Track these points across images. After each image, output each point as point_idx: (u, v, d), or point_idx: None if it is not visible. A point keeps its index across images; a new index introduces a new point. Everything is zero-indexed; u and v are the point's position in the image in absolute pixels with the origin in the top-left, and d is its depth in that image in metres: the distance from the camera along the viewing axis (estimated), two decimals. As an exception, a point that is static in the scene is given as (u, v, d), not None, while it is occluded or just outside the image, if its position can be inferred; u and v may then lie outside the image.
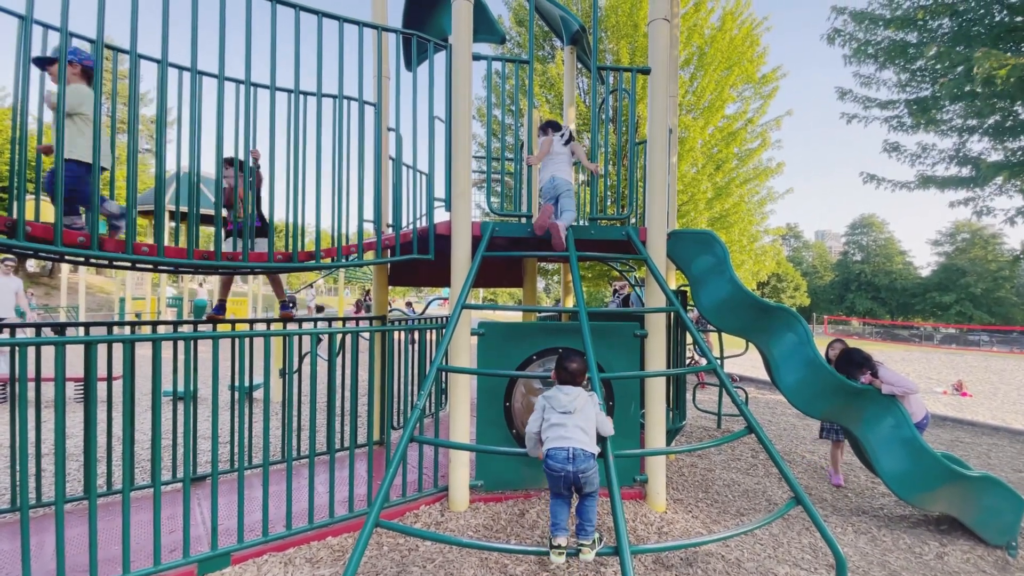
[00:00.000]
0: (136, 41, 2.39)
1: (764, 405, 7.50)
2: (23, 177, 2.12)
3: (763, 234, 13.93)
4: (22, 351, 2.16)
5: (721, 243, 3.51)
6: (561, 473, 2.26)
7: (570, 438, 2.28)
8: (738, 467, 4.47)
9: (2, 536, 2.71)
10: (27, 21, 2.17)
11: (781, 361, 3.47)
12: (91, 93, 2.45)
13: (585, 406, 2.37)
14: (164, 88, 2.47)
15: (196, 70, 2.56)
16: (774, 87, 12.81)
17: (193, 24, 2.46)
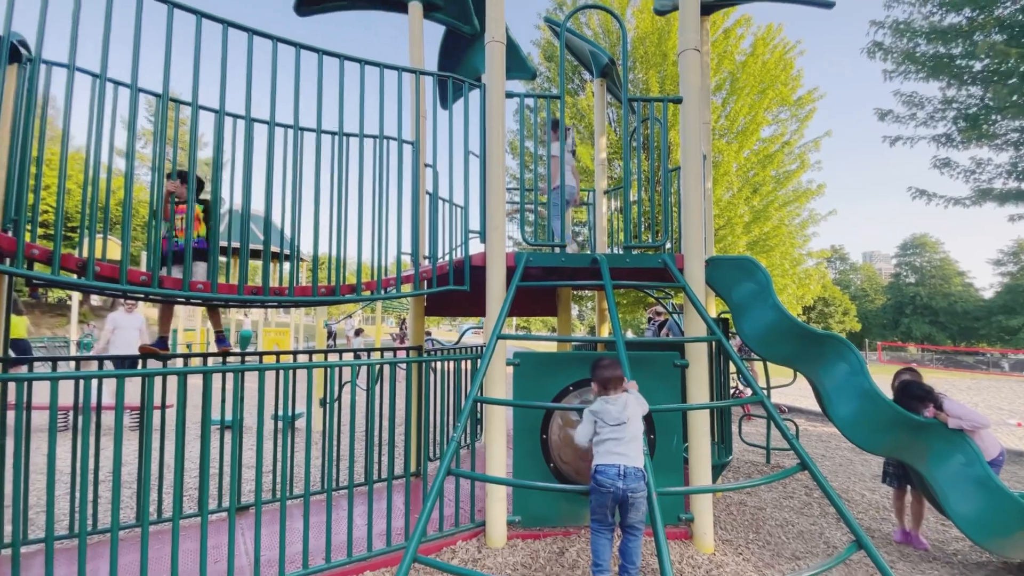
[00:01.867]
0: (197, 94, 2.59)
1: (816, 438, 7.08)
2: (94, 225, 2.30)
3: (806, 257, 13.46)
4: (86, 383, 2.30)
5: (763, 269, 3.41)
6: (611, 489, 2.21)
7: (623, 454, 2.25)
8: (791, 506, 4.21)
9: (60, 562, 2.82)
10: (101, 79, 2.39)
11: (834, 392, 3.29)
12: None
13: (635, 415, 2.32)
14: (220, 133, 2.66)
15: (250, 117, 2.74)
16: (811, 109, 12.61)
17: (248, 77, 2.66)
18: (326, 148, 3.06)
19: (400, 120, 3.23)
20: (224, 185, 2.71)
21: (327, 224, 3.06)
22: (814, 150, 12.65)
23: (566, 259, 3.39)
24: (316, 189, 3.01)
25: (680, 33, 3.47)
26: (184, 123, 3.28)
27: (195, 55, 2.46)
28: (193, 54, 2.47)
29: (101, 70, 2.35)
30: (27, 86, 2.60)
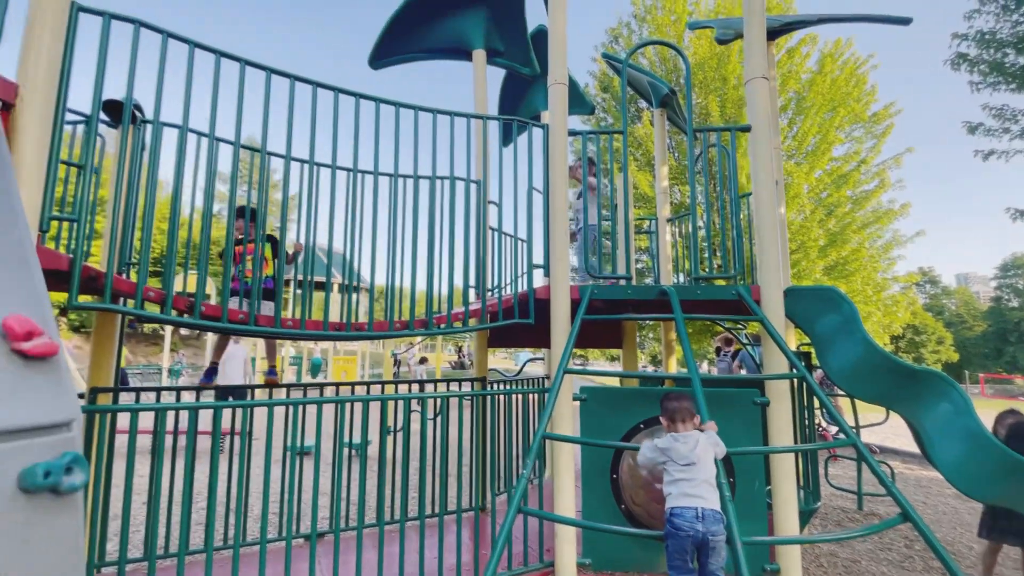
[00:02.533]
0: (266, 141, 2.84)
1: (914, 483, 6.41)
2: (204, 271, 2.56)
3: (891, 282, 12.44)
4: (161, 415, 2.52)
5: (848, 300, 3.19)
6: (689, 533, 2.11)
7: (699, 496, 2.14)
8: (889, 559, 3.81)
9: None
10: (183, 130, 2.67)
11: (935, 435, 2.97)
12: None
13: (705, 454, 2.22)
14: (288, 174, 2.91)
15: (336, 165, 2.98)
16: (888, 125, 11.90)
17: (333, 127, 2.90)
18: (401, 190, 3.27)
19: (469, 161, 3.38)
20: (302, 226, 2.95)
21: (400, 261, 3.23)
22: (894, 167, 11.86)
23: (632, 291, 3.35)
24: (392, 228, 3.20)
25: (746, 61, 3.42)
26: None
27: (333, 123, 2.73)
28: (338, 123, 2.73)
29: (210, 129, 2.66)
30: (141, 145, 2.98)
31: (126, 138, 2.64)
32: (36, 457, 1.50)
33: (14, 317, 1.58)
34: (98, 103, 2.38)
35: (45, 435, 1.57)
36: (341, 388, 5.02)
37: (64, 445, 1.60)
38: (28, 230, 1.83)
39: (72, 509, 1.60)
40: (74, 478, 1.55)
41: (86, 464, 1.64)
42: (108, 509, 3.02)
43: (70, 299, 2.15)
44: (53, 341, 1.67)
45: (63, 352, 1.74)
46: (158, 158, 2.78)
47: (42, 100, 2.07)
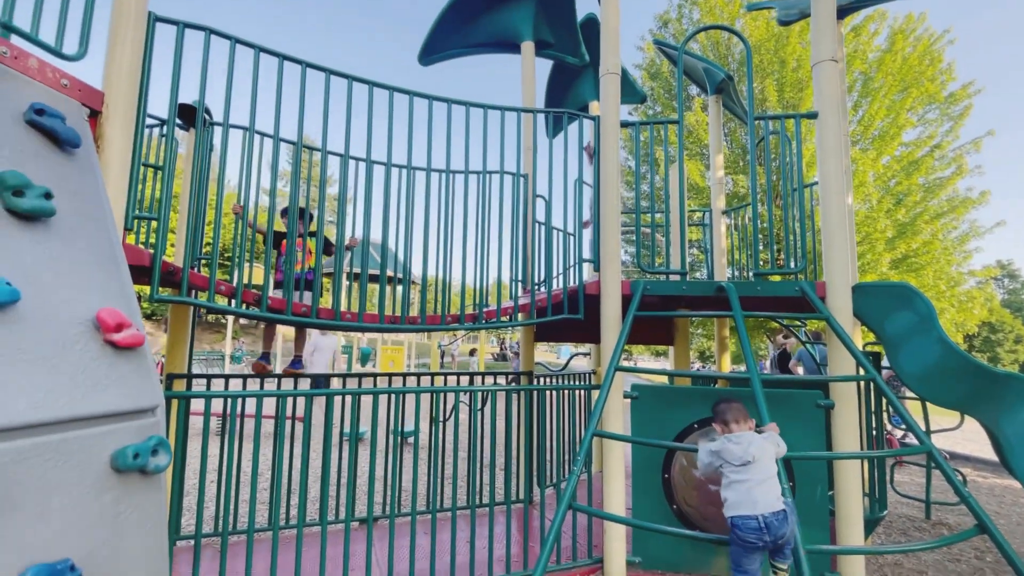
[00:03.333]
0: (326, 140, 2.92)
1: (987, 492, 5.94)
2: (267, 266, 2.69)
3: (966, 276, 11.50)
4: (232, 402, 2.66)
5: (923, 297, 2.97)
6: (758, 545, 2.05)
7: (757, 502, 2.06)
8: (958, 570, 3.56)
9: (223, 561, 3.22)
10: (250, 131, 2.78)
11: (1017, 442, 2.73)
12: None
13: (762, 452, 2.14)
14: (345, 174, 2.98)
15: (390, 163, 3.04)
16: (966, 106, 10.92)
17: (388, 123, 2.96)
18: (450, 184, 3.31)
19: (519, 155, 3.37)
20: (358, 221, 3.04)
21: (450, 255, 3.28)
22: (973, 152, 10.90)
23: (688, 287, 3.25)
24: (445, 223, 3.24)
25: (813, 44, 3.22)
26: (315, 165, 3.71)
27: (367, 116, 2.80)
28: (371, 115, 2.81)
29: (275, 131, 2.77)
30: (209, 147, 3.13)
31: (199, 139, 2.80)
32: (126, 440, 1.63)
33: (107, 310, 1.71)
34: (174, 107, 2.52)
35: (133, 420, 1.70)
36: (393, 379, 5.16)
37: (150, 429, 1.73)
38: (116, 230, 1.98)
39: (156, 488, 1.72)
40: (159, 460, 1.67)
41: (169, 447, 1.76)
42: (183, 487, 3.25)
43: (152, 292, 2.30)
44: (140, 332, 1.79)
45: (148, 343, 1.87)
46: (226, 158, 2.93)
47: (125, 106, 2.22)
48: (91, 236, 1.83)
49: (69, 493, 1.44)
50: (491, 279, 3.43)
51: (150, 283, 2.32)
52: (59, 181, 1.77)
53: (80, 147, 1.91)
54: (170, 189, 2.42)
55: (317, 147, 2.96)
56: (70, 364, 1.54)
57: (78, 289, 1.70)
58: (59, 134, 1.80)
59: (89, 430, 1.53)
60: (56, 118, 1.80)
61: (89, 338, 1.63)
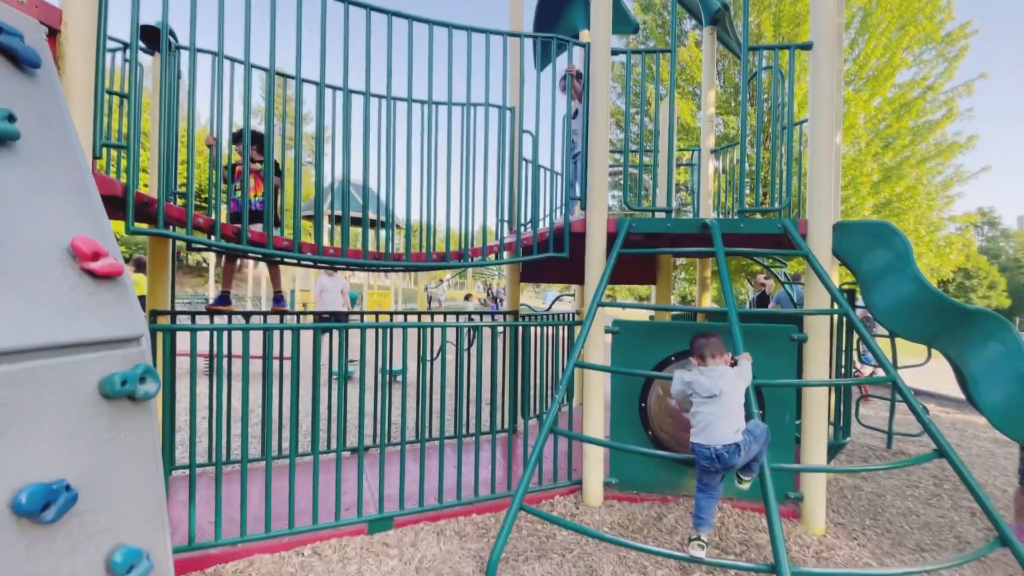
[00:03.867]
0: (300, 67, 2.77)
1: (949, 425, 6.34)
2: (246, 196, 2.61)
3: (947, 222, 11.67)
4: (219, 335, 2.67)
5: (901, 235, 3.03)
6: (710, 469, 2.26)
7: (715, 434, 2.21)
8: (915, 495, 3.85)
9: (219, 486, 3.35)
10: (219, 57, 2.63)
11: (981, 376, 2.90)
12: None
13: (731, 387, 2.27)
14: (322, 103, 2.86)
15: (368, 92, 2.91)
16: (962, 47, 10.63)
17: (366, 47, 2.80)
18: (434, 118, 3.18)
19: (505, 86, 3.24)
20: (337, 157, 2.93)
21: (434, 192, 3.21)
22: (965, 95, 10.75)
23: (673, 225, 3.26)
24: (426, 159, 3.15)
25: (813, -33, 3.07)
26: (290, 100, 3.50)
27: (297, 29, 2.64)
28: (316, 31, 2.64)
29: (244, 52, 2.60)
30: (176, 73, 2.95)
31: (165, 64, 2.62)
32: (112, 368, 1.64)
33: (81, 238, 1.67)
34: (136, 27, 2.35)
35: (119, 348, 1.71)
36: (381, 318, 5.20)
37: (136, 358, 1.74)
38: (84, 156, 1.89)
39: (147, 414, 1.76)
40: (148, 387, 1.70)
41: (157, 375, 1.78)
42: (174, 421, 3.31)
43: (127, 225, 2.24)
44: (118, 262, 1.76)
45: (127, 273, 1.84)
46: (195, 86, 2.77)
47: (85, 24, 2.06)
48: (59, 162, 1.75)
49: (58, 418, 1.47)
50: (476, 219, 3.40)
51: (124, 216, 2.26)
52: (21, 103, 1.67)
53: (41, 68, 1.79)
54: (138, 115, 2.30)
55: (291, 75, 2.80)
56: (48, 292, 1.52)
57: (50, 216, 1.65)
58: (19, 53, 1.68)
59: (73, 357, 1.53)
60: (14, 36, 1.67)
61: (66, 266, 1.61)
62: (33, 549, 1.33)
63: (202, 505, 2.96)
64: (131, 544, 1.60)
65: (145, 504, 1.72)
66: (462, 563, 2.59)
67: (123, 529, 1.62)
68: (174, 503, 3.06)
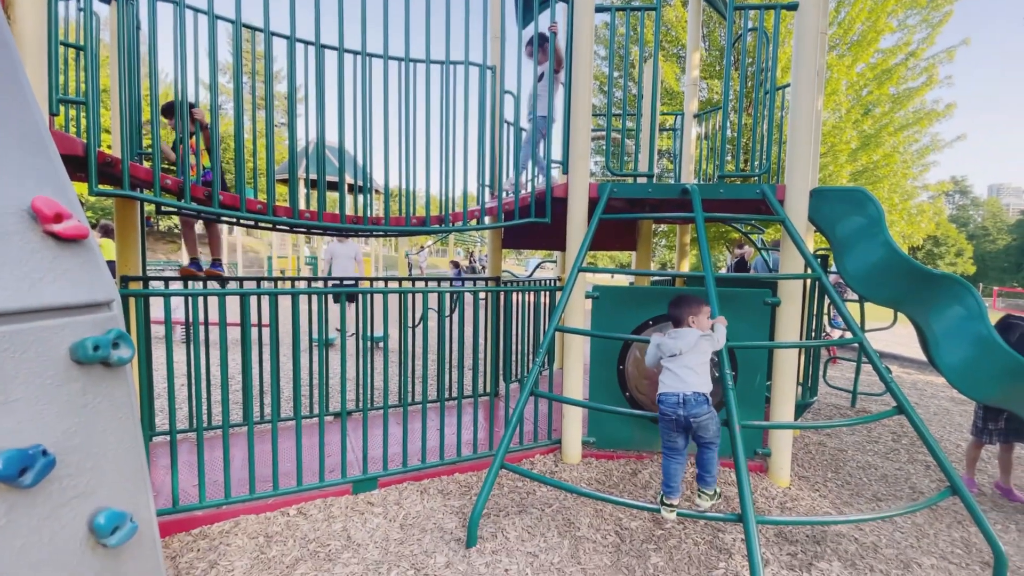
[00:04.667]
0: (268, 21, 2.62)
1: (910, 385, 6.66)
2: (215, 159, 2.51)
3: (920, 190, 11.92)
4: (194, 301, 2.62)
5: (875, 201, 3.09)
6: (672, 416, 2.31)
7: (683, 380, 2.31)
8: (875, 450, 4.08)
9: (204, 448, 3.36)
10: (180, 6, 2.48)
11: (943, 337, 3.04)
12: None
13: (696, 344, 2.36)
14: (293, 62, 2.73)
15: (343, 48, 2.78)
16: (947, 12, 10.59)
17: (316, 5, 2.66)
18: (410, 78, 3.07)
19: (485, 45, 3.13)
20: (311, 117, 2.83)
21: (413, 156, 3.13)
22: (946, 62, 10.79)
23: (653, 190, 3.26)
24: (405, 119, 3.06)
25: (801, -77, 2.99)
26: (259, 57, 3.34)
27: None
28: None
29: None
30: (135, 24, 2.77)
31: (122, 14, 2.47)
32: (84, 333, 1.60)
33: (42, 199, 1.59)
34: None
35: (89, 313, 1.67)
36: (362, 284, 5.16)
37: (108, 323, 1.70)
38: (41, 113, 1.79)
39: (123, 380, 1.74)
40: (121, 352, 1.67)
41: (130, 340, 1.75)
42: (153, 388, 3.28)
43: (90, 185, 2.15)
44: (83, 224, 1.70)
45: (93, 236, 1.77)
46: (156, 36, 2.61)
47: (30, -31, 1.91)
48: (12, 117, 1.65)
49: (30, 384, 1.44)
50: (457, 183, 3.34)
51: (87, 177, 2.16)
52: (-33, 54, 1.56)
53: (-12, 16, 1.66)
54: (96, 69, 2.17)
55: (259, 27, 2.66)
56: (9, 256, 1.46)
57: (5, 177, 1.57)
58: (-40, -1, 1.55)
59: (40, 323, 1.49)
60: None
61: (27, 228, 1.54)
62: (13, 513, 1.33)
63: (185, 470, 2.98)
64: (114, 507, 1.60)
65: (126, 467, 1.72)
66: (445, 519, 2.68)
67: (105, 492, 1.62)
68: (156, 468, 3.07)
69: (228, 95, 20.81)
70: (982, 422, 3.33)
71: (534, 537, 2.54)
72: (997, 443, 3.32)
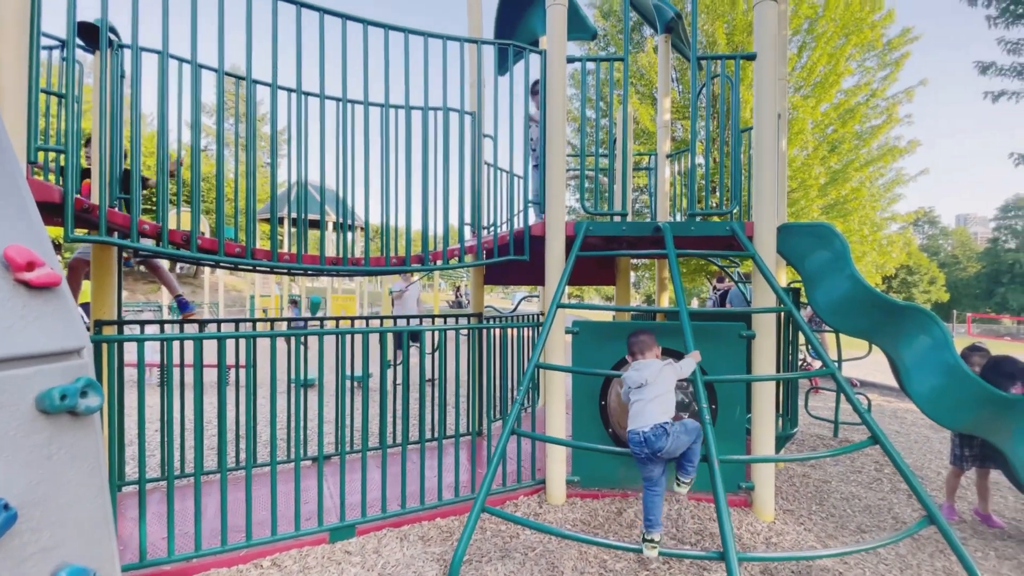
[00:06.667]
0: (251, 67, 2.73)
1: (891, 414, 6.73)
2: (197, 200, 2.55)
3: (890, 221, 12.38)
4: (169, 345, 2.60)
5: (840, 236, 3.23)
6: (641, 455, 2.37)
7: (644, 414, 2.35)
8: (858, 480, 4.09)
9: (175, 497, 3.24)
10: (163, 56, 2.57)
11: (913, 367, 3.11)
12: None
13: (659, 374, 2.41)
14: (275, 106, 2.82)
15: (324, 95, 2.88)
16: (903, 53, 11.30)
17: (321, 54, 2.78)
18: (393, 122, 3.17)
19: (463, 91, 3.27)
20: (292, 160, 2.90)
21: (394, 197, 3.20)
22: (906, 101, 11.44)
23: (627, 228, 3.36)
24: (384, 162, 3.14)
25: (755, -18, 3.23)
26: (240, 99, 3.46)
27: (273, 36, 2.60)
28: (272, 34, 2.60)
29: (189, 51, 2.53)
30: (120, 72, 2.84)
31: (105, 62, 2.53)
32: (52, 382, 1.58)
33: (14, 248, 1.59)
34: (73, 23, 2.26)
35: (58, 361, 1.64)
36: (342, 323, 5.12)
37: (77, 371, 1.68)
38: (17, 160, 1.81)
39: (90, 429, 1.70)
40: (89, 401, 1.64)
41: (99, 388, 1.72)
42: (124, 435, 3.18)
43: (66, 232, 2.15)
44: (56, 272, 1.70)
45: (65, 283, 1.77)
46: (139, 84, 2.68)
47: (15, 20, 1.98)
48: (-14, 168, 1.68)
49: (-8, 435, 1.41)
50: (439, 223, 3.41)
51: (63, 222, 2.17)
52: (-59, 104, 1.60)
53: (-36, 66, 1.71)
54: (77, 116, 2.22)
55: (242, 75, 2.75)
56: (-22, 306, 1.45)
57: (-23, 226, 1.58)
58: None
59: (8, 372, 1.47)
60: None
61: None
62: (-32, 572, 1.28)
63: (155, 521, 2.86)
64: (76, 563, 1.54)
65: (91, 521, 1.65)
66: (425, 567, 2.60)
67: (68, 548, 1.56)
68: (125, 520, 2.95)
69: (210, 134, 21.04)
70: (959, 449, 3.38)
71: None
72: (973, 469, 3.36)
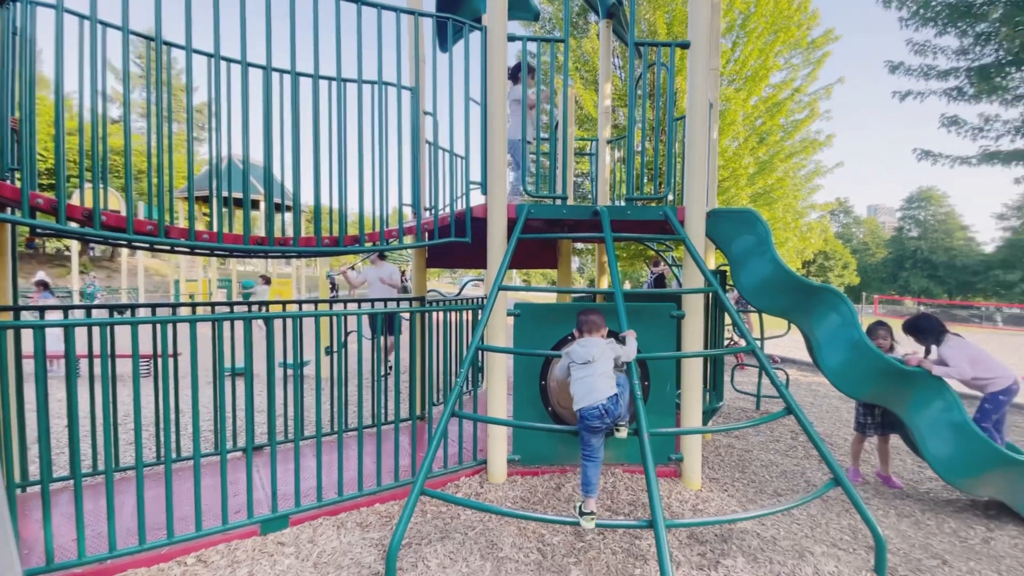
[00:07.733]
0: (191, 37, 2.52)
1: (806, 387, 7.33)
2: (96, 170, 2.31)
3: (809, 210, 13.33)
4: (103, 330, 2.38)
5: (763, 222, 3.43)
6: (601, 428, 2.47)
7: (597, 390, 2.45)
8: (777, 448, 4.43)
9: (87, 496, 3.00)
10: (92, 21, 2.33)
11: (824, 343, 3.39)
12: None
13: (604, 352, 2.53)
14: (217, 78, 2.61)
15: (246, 62, 2.68)
16: (824, 53, 12.06)
17: (242, 18, 2.57)
18: (324, 95, 3.01)
19: (399, 65, 3.14)
20: (213, 133, 2.69)
21: (327, 174, 3.05)
22: (825, 98, 12.24)
23: (567, 211, 3.40)
24: (315, 137, 2.98)
25: (690, -28, 3.31)
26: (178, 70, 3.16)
27: None
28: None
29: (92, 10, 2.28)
30: (11, 29, 2.52)
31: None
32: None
33: None
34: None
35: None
36: (274, 308, 4.88)
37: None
38: None
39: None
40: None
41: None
42: (25, 432, 2.89)
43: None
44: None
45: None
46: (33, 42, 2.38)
47: None
48: None
49: None
50: (376, 204, 3.28)
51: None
52: None
53: None
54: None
55: (151, 36, 2.50)
56: None
57: None
58: None
59: None
60: None
61: None
62: None
63: (64, 522, 2.63)
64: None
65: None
66: (363, 553, 2.57)
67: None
68: (29, 521, 2.70)
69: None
70: (863, 417, 3.73)
71: (456, 563, 2.50)
72: (875, 435, 3.73)
